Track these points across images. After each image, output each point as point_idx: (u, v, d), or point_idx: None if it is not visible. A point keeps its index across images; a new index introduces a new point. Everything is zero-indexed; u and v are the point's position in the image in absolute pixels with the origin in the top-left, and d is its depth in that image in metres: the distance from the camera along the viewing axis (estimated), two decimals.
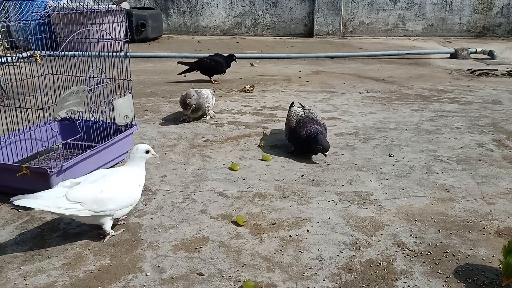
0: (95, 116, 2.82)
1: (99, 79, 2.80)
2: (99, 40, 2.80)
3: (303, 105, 3.48)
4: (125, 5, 8.12)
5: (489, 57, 6.99)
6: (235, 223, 2.19)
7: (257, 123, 3.78)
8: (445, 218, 2.26)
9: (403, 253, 1.96)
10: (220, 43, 8.57)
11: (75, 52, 2.75)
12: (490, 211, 2.33)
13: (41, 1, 4.09)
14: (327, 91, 4.92)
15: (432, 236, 2.09)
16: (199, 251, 1.97)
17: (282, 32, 9.87)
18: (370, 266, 1.88)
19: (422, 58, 7.07)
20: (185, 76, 5.43)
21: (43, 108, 2.36)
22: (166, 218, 2.25)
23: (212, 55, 5.35)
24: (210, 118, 3.88)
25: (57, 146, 2.95)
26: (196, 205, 2.38)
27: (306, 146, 2.99)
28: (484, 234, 2.12)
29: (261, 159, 3.00)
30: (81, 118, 2.75)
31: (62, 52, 2.57)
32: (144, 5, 9.73)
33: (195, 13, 9.87)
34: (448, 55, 7.11)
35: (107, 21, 3.31)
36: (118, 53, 2.78)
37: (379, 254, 1.96)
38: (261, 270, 1.85)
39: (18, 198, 1.86)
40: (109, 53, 2.76)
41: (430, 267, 1.87)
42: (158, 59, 6.91)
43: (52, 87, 2.75)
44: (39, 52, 2.41)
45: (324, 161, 2.95)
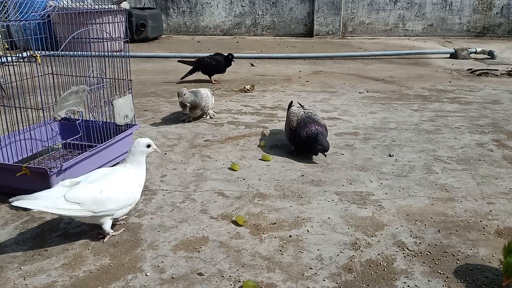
0: (95, 116, 2.83)
1: (99, 79, 2.80)
2: (99, 40, 2.80)
3: (303, 105, 3.48)
4: (125, 5, 8.12)
5: (489, 57, 6.99)
6: (235, 223, 2.19)
7: (257, 123, 3.78)
8: (445, 218, 2.26)
9: (403, 253, 1.96)
10: (220, 43, 8.57)
11: (75, 52, 2.75)
12: (490, 211, 2.33)
13: (41, 1, 4.09)
14: (327, 91, 4.92)
15: (432, 236, 2.09)
16: (199, 251, 1.97)
17: (282, 32, 9.87)
18: (370, 266, 1.88)
19: (422, 58, 7.07)
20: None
21: (43, 108, 2.36)
22: (166, 218, 2.25)
23: (213, 55, 5.36)
24: (210, 118, 3.88)
25: (57, 146, 2.95)
26: (196, 205, 2.38)
27: (307, 147, 2.99)
28: (484, 234, 2.12)
29: (261, 159, 3.00)
30: (81, 118, 2.75)
31: (62, 52, 2.58)
32: (144, 5, 9.74)
33: (195, 13, 9.87)
34: (448, 55, 7.12)
35: (107, 21, 3.31)
36: (118, 53, 2.78)
37: (379, 254, 1.96)
38: (261, 270, 1.85)
39: (17, 199, 1.85)
40: (109, 53, 2.76)
41: (430, 267, 1.87)
42: (158, 59, 6.91)
43: (52, 87, 2.75)
44: (39, 52, 2.41)
45: (324, 161, 2.95)
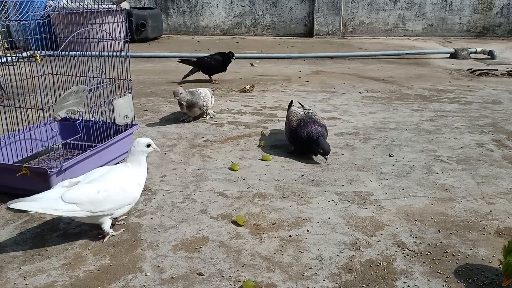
0: (95, 116, 2.83)
1: (99, 79, 2.80)
2: (99, 40, 2.80)
3: (303, 105, 3.48)
4: (125, 5, 8.11)
5: (489, 57, 6.99)
6: (235, 223, 2.19)
7: (257, 123, 3.78)
8: (445, 218, 2.26)
9: (403, 253, 1.96)
10: (220, 43, 8.57)
11: (75, 52, 2.75)
12: (490, 211, 2.33)
13: (41, 1, 4.09)
14: (327, 91, 4.92)
15: (432, 236, 2.09)
16: (199, 251, 1.97)
17: (282, 32, 9.86)
18: (370, 266, 1.88)
19: (422, 58, 7.07)
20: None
21: (43, 108, 2.36)
22: (166, 218, 2.25)
23: (213, 54, 5.36)
24: (210, 118, 3.88)
25: (57, 146, 2.95)
26: (196, 205, 2.38)
27: (307, 147, 2.98)
28: (484, 234, 2.12)
29: (261, 159, 3.00)
30: (81, 118, 2.75)
31: (62, 52, 2.58)
32: (144, 5, 9.73)
33: (195, 13, 9.87)
34: (448, 55, 7.11)
35: (107, 21, 3.31)
36: (118, 53, 2.78)
37: (379, 254, 1.96)
38: (261, 270, 1.85)
39: (14, 202, 1.85)
40: (109, 53, 2.76)
41: (430, 267, 1.87)
42: (158, 59, 6.91)
43: (52, 87, 2.75)
44: (39, 52, 2.41)
45: (324, 161, 2.95)
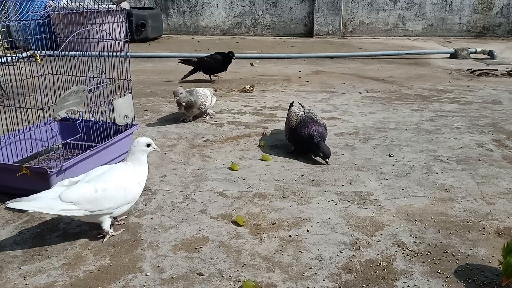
0: (95, 116, 2.83)
1: (99, 79, 2.80)
2: (99, 40, 2.80)
3: (303, 105, 3.48)
4: (125, 5, 8.11)
5: (489, 57, 6.99)
6: (235, 223, 2.20)
7: (257, 123, 3.78)
8: (445, 218, 2.26)
9: (403, 253, 1.96)
10: (220, 43, 8.57)
11: (75, 52, 2.75)
12: (490, 211, 2.33)
13: (41, 1, 4.09)
14: (327, 91, 4.92)
15: (432, 236, 2.09)
16: (199, 251, 1.97)
17: (282, 32, 9.86)
18: (370, 266, 1.88)
19: (422, 58, 7.07)
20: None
21: (43, 108, 2.36)
22: (166, 218, 2.25)
23: (213, 54, 5.37)
24: (210, 118, 3.88)
25: (57, 146, 2.96)
26: (196, 205, 2.38)
27: (306, 147, 2.98)
28: (484, 234, 2.12)
29: (261, 159, 3.00)
30: (81, 118, 2.76)
31: (62, 52, 2.58)
32: (144, 5, 9.73)
33: (195, 13, 9.87)
34: (448, 55, 7.11)
35: (107, 21, 3.31)
36: (118, 53, 2.78)
37: (379, 254, 1.96)
38: (261, 270, 1.85)
39: (13, 201, 1.85)
40: (109, 53, 2.76)
41: (430, 267, 1.87)
42: (158, 59, 6.91)
43: (52, 87, 2.75)
44: (39, 52, 2.41)
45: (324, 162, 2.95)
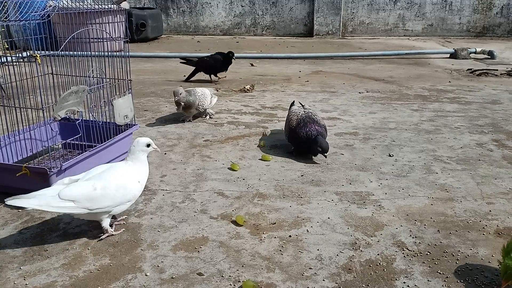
0: (95, 116, 2.83)
1: (99, 79, 2.80)
2: (99, 40, 2.80)
3: (304, 105, 3.48)
4: (125, 5, 8.11)
5: (489, 57, 6.99)
6: (235, 223, 2.20)
7: (257, 123, 3.78)
8: (445, 218, 2.26)
9: (403, 253, 1.96)
10: (220, 43, 8.57)
11: (75, 52, 2.75)
12: (490, 211, 2.33)
13: (41, 1, 4.09)
14: (327, 91, 4.92)
15: (432, 236, 2.09)
16: (199, 251, 1.97)
17: (282, 32, 9.86)
18: (370, 266, 1.88)
19: (422, 58, 7.07)
20: (185, 76, 5.44)
21: (43, 108, 2.36)
22: (166, 218, 2.25)
23: (213, 54, 5.37)
24: (210, 118, 3.88)
25: (57, 146, 2.96)
26: (196, 205, 2.38)
27: (306, 147, 2.98)
28: (484, 234, 2.12)
29: (261, 159, 3.00)
30: (81, 118, 2.76)
31: (62, 52, 2.58)
32: (144, 5, 9.73)
33: (195, 13, 9.87)
34: (448, 55, 7.12)
35: (107, 21, 3.31)
36: (118, 53, 2.78)
37: (379, 254, 1.96)
38: (261, 270, 1.85)
39: (13, 198, 1.86)
40: (109, 53, 2.76)
41: (430, 267, 1.87)
42: (158, 59, 6.91)
43: (52, 87, 2.75)
44: (39, 52, 2.41)
45: (324, 161, 2.95)
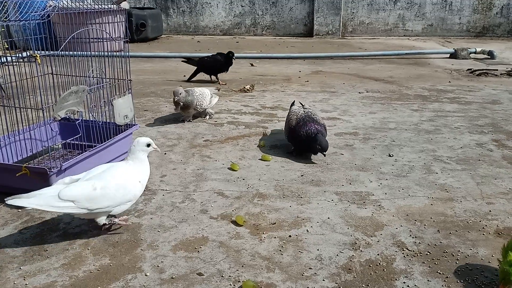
0: (95, 116, 2.83)
1: (99, 79, 2.80)
2: (99, 40, 2.80)
3: (304, 105, 3.48)
4: (125, 5, 8.10)
5: (489, 57, 6.99)
6: (235, 223, 2.20)
7: (257, 123, 3.78)
8: (445, 218, 2.26)
9: (403, 253, 1.96)
10: (220, 43, 8.57)
11: (75, 52, 2.75)
12: (490, 211, 2.33)
13: (41, 1, 4.09)
14: (327, 91, 4.92)
15: (432, 236, 2.09)
16: (199, 251, 1.97)
17: (282, 32, 9.87)
18: (370, 266, 1.88)
19: (422, 58, 7.07)
20: (185, 76, 5.44)
21: (43, 108, 2.36)
22: (166, 218, 2.25)
23: (214, 54, 5.37)
24: (209, 118, 3.88)
25: (57, 146, 2.96)
26: (196, 205, 2.38)
27: (306, 146, 2.99)
28: (484, 234, 2.12)
29: (261, 159, 3.00)
30: (81, 118, 2.76)
31: (62, 52, 2.58)
32: (144, 5, 9.73)
33: (195, 13, 9.87)
34: (448, 55, 7.12)
35: (107, 21, 3.31)
36: (118, 53, 2.78)
37: (379, 254, 1.96)
38: (261, 270, 1.85)
39: (13, 198, 1.86)
40: (109, 53, 2.76)
41: (430, 267, 1.87)
42: (158, 59, 6.91)
43: (52, 87, 2.75)
44: (39, 52, 2.41)
45: (324, 161, 2.95)
